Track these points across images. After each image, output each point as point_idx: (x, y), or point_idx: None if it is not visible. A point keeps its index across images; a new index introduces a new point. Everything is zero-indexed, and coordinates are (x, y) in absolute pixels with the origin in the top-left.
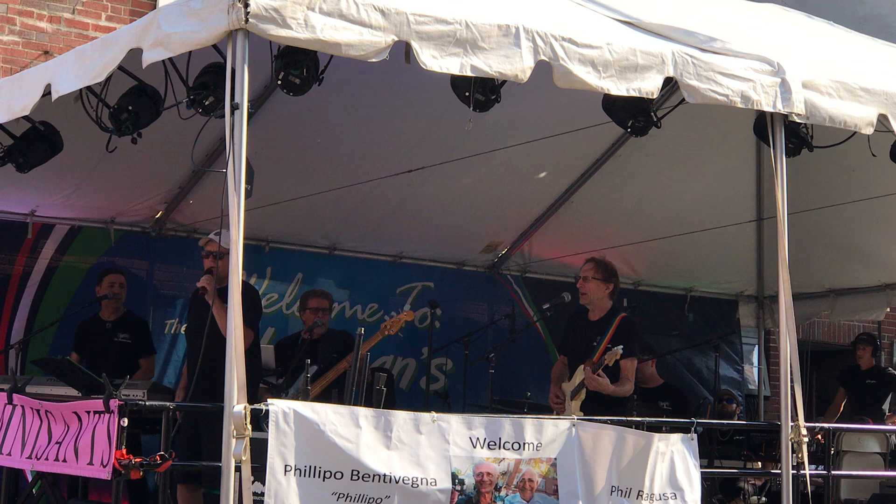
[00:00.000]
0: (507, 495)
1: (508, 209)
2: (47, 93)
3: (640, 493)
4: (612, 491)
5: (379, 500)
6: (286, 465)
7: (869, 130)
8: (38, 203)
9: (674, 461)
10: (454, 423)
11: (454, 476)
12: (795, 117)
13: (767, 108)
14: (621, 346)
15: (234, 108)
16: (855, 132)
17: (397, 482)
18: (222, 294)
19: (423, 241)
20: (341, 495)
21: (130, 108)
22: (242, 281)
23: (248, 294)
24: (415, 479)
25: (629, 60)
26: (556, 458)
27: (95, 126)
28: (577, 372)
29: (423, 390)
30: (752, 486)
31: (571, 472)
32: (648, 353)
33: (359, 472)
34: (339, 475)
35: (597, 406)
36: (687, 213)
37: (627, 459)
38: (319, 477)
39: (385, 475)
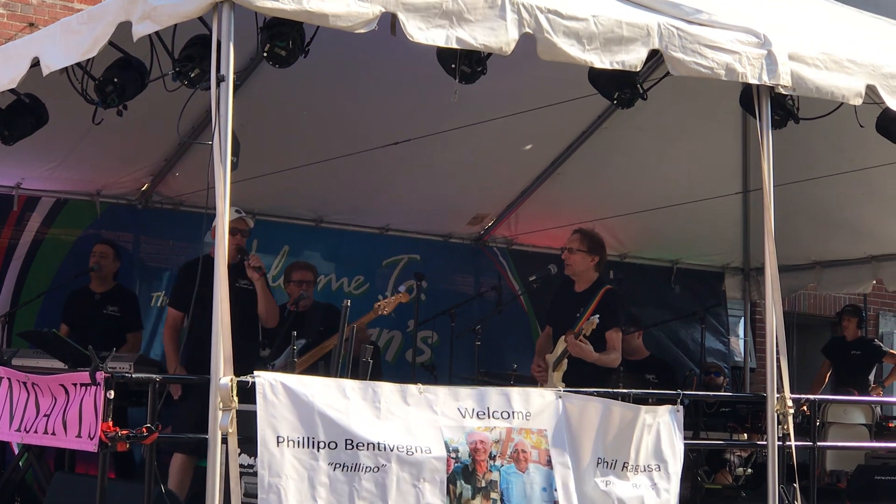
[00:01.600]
0: (503, 465)
1: (495, 181)
2: (34, 65)
3: (626, 464)
4: (598, 463)
5: (376, 469)
6: (278, 437)
7: (857, 101)
8: (24, 175)
9: (660, 433)
10: (441, 395)
11: (447, 444)
12: (781, 89)
13: (753, 81)
14: (598, 316)
15: (220, 80)
16: (842, 104)
17: (392, 450)
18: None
19: (410, 214)
20: (338, 465)
21: (116, 80)
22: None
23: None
24: (409, 447)
25: (614, 33)
26: (547, 430)
27: (81, 98)
28: (560, 342)
29: (408, 362)
30: (737, 457)
31: (561, 444)
32: (635, 325)
33: (353, 441)
34: (333, 445)
35: (579, 377)
36: (673, 186)
37: (614, 432)
38: (314, 447)
39: (379, 444)
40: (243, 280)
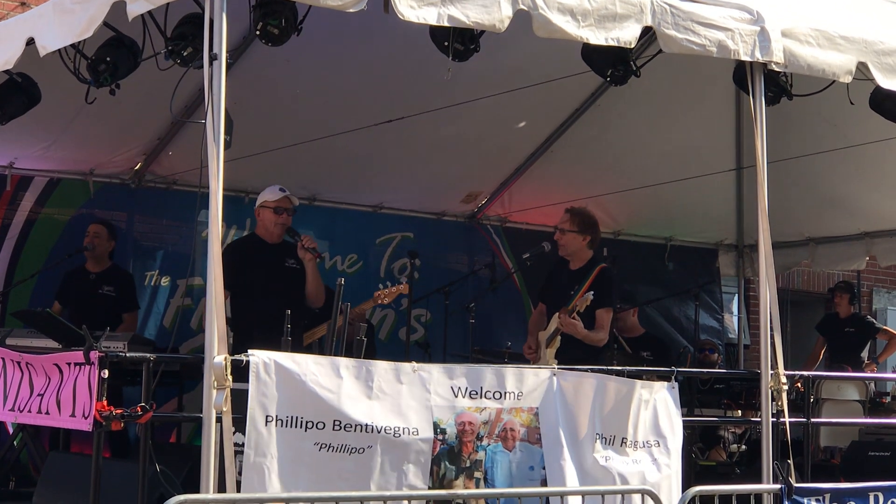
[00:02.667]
0: (490, 444)
1: (488, 159)
2: (28, 45)
3: (625, 440)
4: (596, 438)
5: (361, 450)
6: (267, 416)
7: (847, 79)
8: (17, 155)
9: (657, 409)
10: (435, 373)
11: (436, 425)
12: (774, 66)
13: (746, 58)
14: (592, 293)
15: (213, 58)
16: (834, 80)
17: (379, 432)
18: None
19: (403, 192)
20: (323, 445)
21: (108, 59)
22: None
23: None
24: (397, 429)
25: (608, 9)
26: (537, 408)
27: (73, 77)
28: (553, 320)
29: (401, 341)
30: (732, 434)
31: (554, 421)
32: (629, 302)
33: (340, 423)
34: (321, 425)
35: (571, 355)
36: (667, 163)
37: (610, 407)
38: (301, 427)
39: (367, 425)
40: (291, 259)
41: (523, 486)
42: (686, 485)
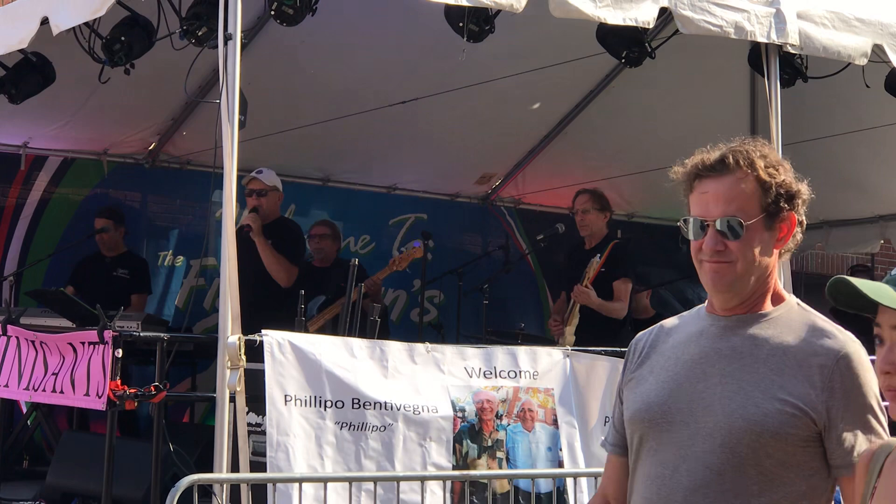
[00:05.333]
0: (509, 424)
1: (502, 141)
2: (42, 24)
3: None
4: (605, 422)
5: (383, 428)
6: (286, 395)
7: (863, 61)
8: (31, 135)
9: None
10: (448, 354)
11: (454, 404)
12: (790, 48)
13: (762, 39)
14: (598, 255)
15: (228, 38)
16: (849, 63)
17: (399, 409)
18: (267, 231)
19: (417, 173)
20: (344, 424)
21: (123, 38)
22: (283, 217)
23: (284, 229)
24: (416, 406)
25: None
26: (553, 389)
27: (88, 57)
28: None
29: (413, 322)
30: None
31: (568, 403)
32: (643, 284)
33: (360, 401)
34: (339, 404)
35: (589, 331)
36: (681, 145)
37: None
38: (321, 406)
39: (386, 402)
40: (270, 240)
41: (543, 468)
42: None
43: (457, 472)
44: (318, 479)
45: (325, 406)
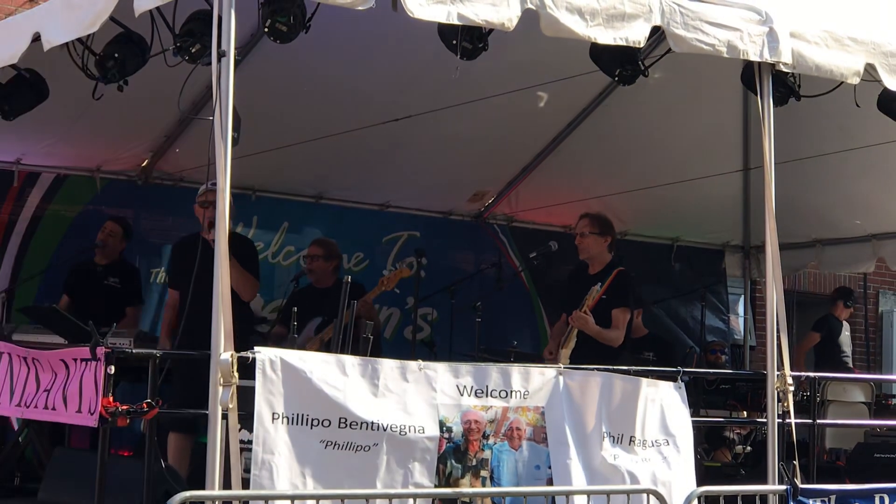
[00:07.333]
0: (496, 443)
1: (495, 158)
2: (35, 40)
3: (633, 438)
4: (604, 437)
5: (367, 448)
6: (274, 413)
7: (855, 80)
8: (24, 151)
9: (664, 407)
10: (441, 372)
11: (442, 424)
12: (782, 66)
13: (754, 58)
14: (599, 284)
15: (221, 55)
16: (842, 82)
17: (385, 430)
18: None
19: (410, 190)
20: (329, 443)
21: (116, 55)
22: (237, 233)
23: (245, 245)
24: (403, 427)
25: (616, 9)
26: (543, 407)
27: (81, 73)
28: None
29: (406, 339)
30: (737, 435)
31: (560, 420)
32: (639, 304)
33: (346, 420)
34: (326, 423)
35: (585, 354)
36: (674, 163)
37: (616, 405)
38: (307, 424)
39: (373, 422)
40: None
41: (529, 486)
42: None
43: (449, 490)
44: (309, 496)
45: (312, 424)
